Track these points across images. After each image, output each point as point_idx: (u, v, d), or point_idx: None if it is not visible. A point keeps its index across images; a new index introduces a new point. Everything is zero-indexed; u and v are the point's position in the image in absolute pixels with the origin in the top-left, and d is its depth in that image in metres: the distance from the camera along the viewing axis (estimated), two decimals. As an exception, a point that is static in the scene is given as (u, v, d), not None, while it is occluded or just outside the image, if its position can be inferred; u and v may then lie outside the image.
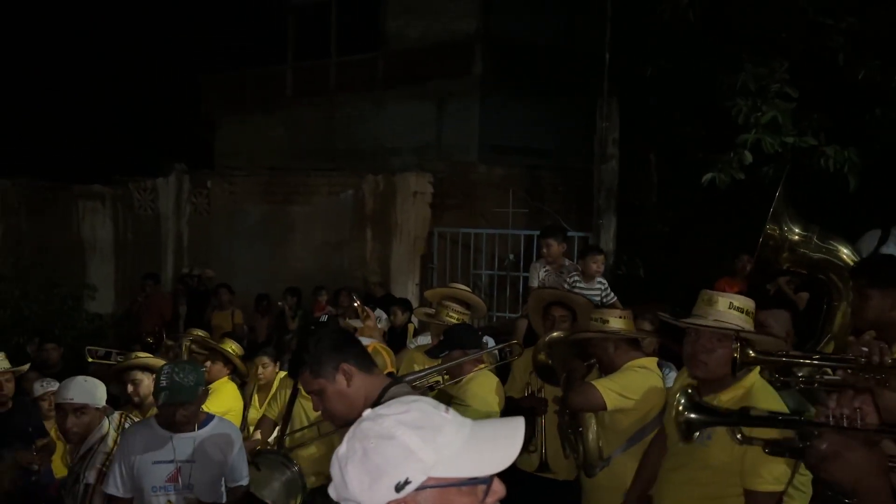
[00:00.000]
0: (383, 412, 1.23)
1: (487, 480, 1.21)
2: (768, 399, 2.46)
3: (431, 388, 3.96)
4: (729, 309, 2.51)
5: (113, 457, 3.27)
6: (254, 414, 4.89)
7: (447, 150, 11.58)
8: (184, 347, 4.83)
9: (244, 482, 3.33)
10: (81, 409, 3.39)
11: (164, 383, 3.08)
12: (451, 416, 1.24)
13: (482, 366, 4.00)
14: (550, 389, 4.12)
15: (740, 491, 2.46)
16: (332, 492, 1.25)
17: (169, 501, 3.12)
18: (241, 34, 13.42)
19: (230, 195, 10.59)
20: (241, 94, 14.12)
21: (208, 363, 4.49)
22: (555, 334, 3.75)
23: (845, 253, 3.40)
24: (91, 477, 3.36)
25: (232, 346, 4.72)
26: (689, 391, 1.91)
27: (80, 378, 3.54)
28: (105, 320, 10.14)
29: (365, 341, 3.28)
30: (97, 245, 10.57)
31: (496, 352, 4.82)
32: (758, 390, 2.49)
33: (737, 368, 2.13)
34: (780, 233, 3.36)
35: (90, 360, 5.53)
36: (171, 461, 3.13)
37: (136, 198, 10.63)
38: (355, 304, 5.42)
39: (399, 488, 1.17)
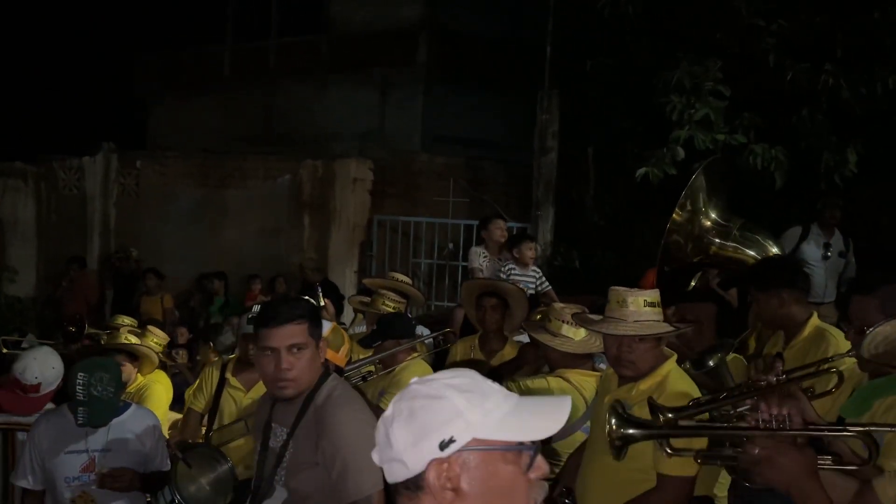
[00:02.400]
0: (433, 377, 1.25)
1: (532, 449, 1.20)
2: (683, 385, 2.53)
3: (364, 378, 3.91)
4: (644, 307, 2.56)
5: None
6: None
7: (389, 138, 11.49)
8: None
9: (165, 468, 3.21)
10: None
11: (80, 396, 2.91)
12: (498, 387, 1.26)
13: (415, 354, 3.97)
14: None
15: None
16: (374, 456, 1.25)
17: (83, 492, 2.98)
18: (178, 11, 12.98)
19: (161, 177, 10.25)
20: (177, 73, 13.68)
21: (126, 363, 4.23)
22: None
23: (773, 251, 3.50)
24: None
25: (154, 340, 4.49)
26: (617, 408, 1.94)
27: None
28: (25, 304, 9.71)
29: (326, 325, 3.19)
30: (18, 225, 10.10)
31: (430, 340, 4.82)
32: (673, 377, 2.55)
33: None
34: (689, 220, 3.43)
35: (5, 350, 5.34)
36: (85, 451, 3.00)
37: (60, 177, 10.18)
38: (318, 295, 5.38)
39: (443, 446, 1.16)
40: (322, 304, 5.43)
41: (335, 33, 12.18)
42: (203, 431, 3.95)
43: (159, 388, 4.34)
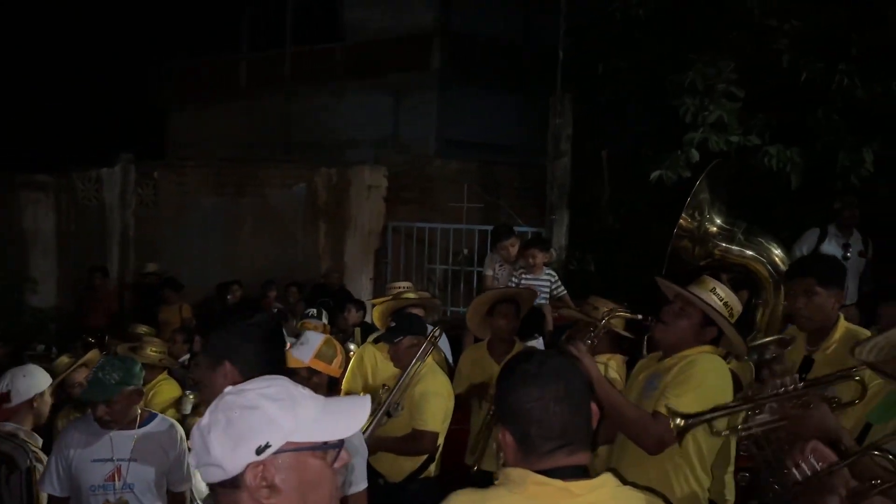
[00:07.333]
0: (246, 387, 1.37)
1: (337, 446, 1.36)
2: (710, 364, 2.64)
3: (389, 414, 3.81)
4: (708, 291, 2.74)
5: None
6: None
7: (404, 144, 11.55)
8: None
9: (184, 487, 3.23)
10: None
11: (90, 377, 3.08)
12: (308, 392, 1.39)
13: (420, 364, 3.92)
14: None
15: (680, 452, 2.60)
16: (192, 459, 1.36)
17: (107, 501, 3.03)
18: (195, 21, 13.14)
19: (178, 186, 10.36)
20: (194, 83, 13.84)
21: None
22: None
23: (776, 253, 3.48)
24: None
25: (152, 349, 4.71)
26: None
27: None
28: (47, 314, 9.85)
29: (318, 336, 3.18)
30: (39, 237, 10.22)
31: (448, 349, 4.84)
32: (698, 362, 2.65)
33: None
34: (697, 225, 3.42)
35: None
36: (110, 459, 3.05)
37: (79, 188, 10.31)
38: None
39: (259, 451, 1.29)
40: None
41: (350, 40, 12.28)
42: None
43: (165, 386, 4.59)
